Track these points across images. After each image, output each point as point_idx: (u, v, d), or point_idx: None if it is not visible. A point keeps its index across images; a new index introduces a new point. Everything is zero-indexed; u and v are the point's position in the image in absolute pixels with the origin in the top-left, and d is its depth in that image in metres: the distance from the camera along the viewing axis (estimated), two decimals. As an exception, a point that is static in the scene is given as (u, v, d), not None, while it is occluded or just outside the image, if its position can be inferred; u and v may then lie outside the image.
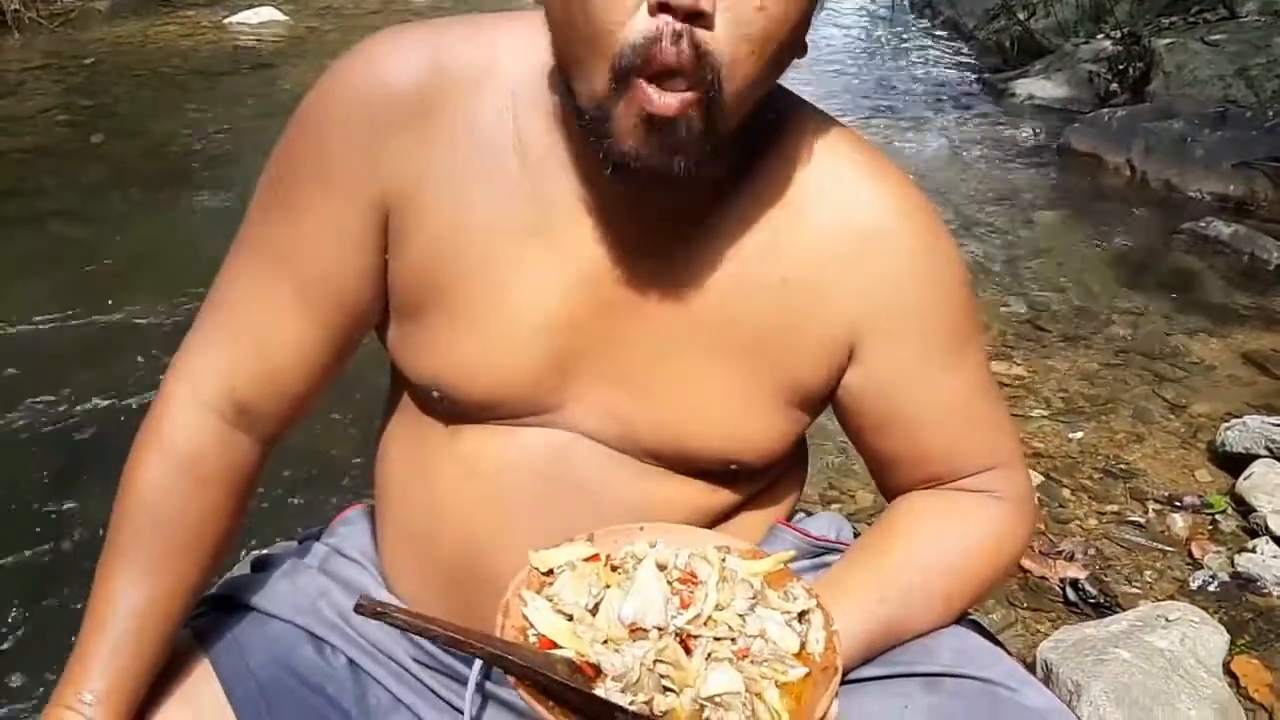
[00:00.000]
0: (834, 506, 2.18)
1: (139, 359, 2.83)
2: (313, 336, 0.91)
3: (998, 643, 0.97)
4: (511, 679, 0.73)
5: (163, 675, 0.91)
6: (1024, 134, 4.99)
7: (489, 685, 0.96)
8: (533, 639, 0.78)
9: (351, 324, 0.92)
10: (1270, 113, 4.46)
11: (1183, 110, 4.57)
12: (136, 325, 3.03)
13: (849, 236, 0.89)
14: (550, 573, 0.83)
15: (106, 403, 2.64)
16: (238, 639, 0.95)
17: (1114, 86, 5.34)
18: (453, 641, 0.74)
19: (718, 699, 0.74)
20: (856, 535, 1.09)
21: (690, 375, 0.90)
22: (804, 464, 1.09)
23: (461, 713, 0.95)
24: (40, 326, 3.03)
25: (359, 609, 0.71)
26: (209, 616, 0.98)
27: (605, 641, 0.77)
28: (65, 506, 2.28)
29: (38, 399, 2.68)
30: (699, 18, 0.71)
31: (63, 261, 3.43)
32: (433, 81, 0.86)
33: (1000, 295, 3.30)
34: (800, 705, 0.75)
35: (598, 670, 0.75)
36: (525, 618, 0.79)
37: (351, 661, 0.98)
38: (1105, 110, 4.90)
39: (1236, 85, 4.77)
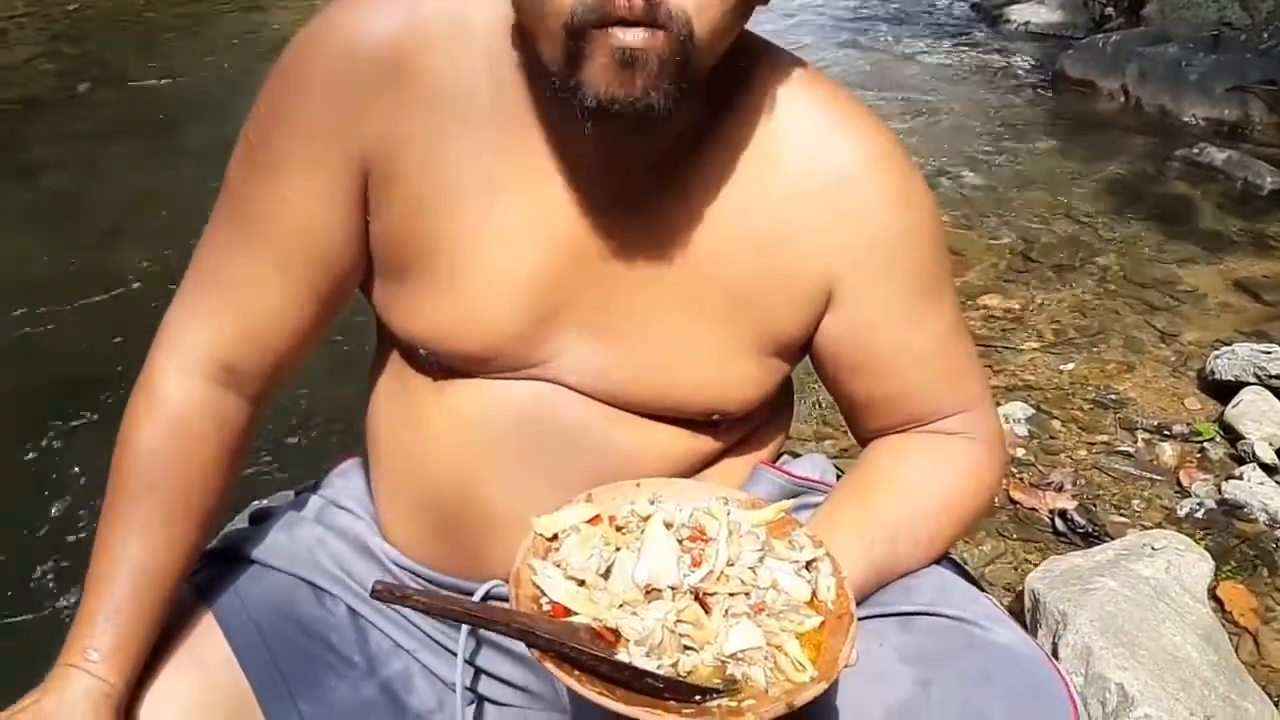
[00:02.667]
0: (827, 443, 2.21)
1: (133, 309, 2.84)
2: (296, 299, 0.92)
3: (975, 582, 0.99)
4: (535, 652, 0.72)
5: (166, 629, 0.93)
6: (1017, 61, 4.95)
7: (481, 630, 0.98)
8: (546, 607, 0.77)
9: (334, 285, 0.93)
10: (1265, 35, 4.42)
11: (1177, 34, 4.53)
12: (130, 275, 3.03)
13: (823, 184, 0.90)
14: (555, 538, 0.82)
15: (101, 355, 2.64)
16: (239, 591, 0.98)
17: (1109, 10, 5.28)
18: (474, 620, 0.75)
19: (740, 655, 0.75)
20: (840, 476, 1.10)
21: (670, 327, 0.91)
22: (789, 407, 1.10)
23: (456, 655, 0.97)
24: (33, 279, 3.02)
25: (376, 594, 0.71)
26: (209, 570, 1.00)
27: (621, 605, 0.77)
28: (59, 460, 2.30)
29: (30, 353, 2.70)
30: None
31: (54, 214, 3.42)
32: (408, 41, 0.86)
33: (992, 227, 3.29)
34: (821, 654, 0.75)
35: (617, 635, 0.75)
36: (537, 586, 0.78)
37: (351, 609, 1.01)
38: (1099, 35, 4.85)
39: (1231, 8, 4.72)
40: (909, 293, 0.94)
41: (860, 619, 0.89)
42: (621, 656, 0.73)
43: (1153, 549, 1.75)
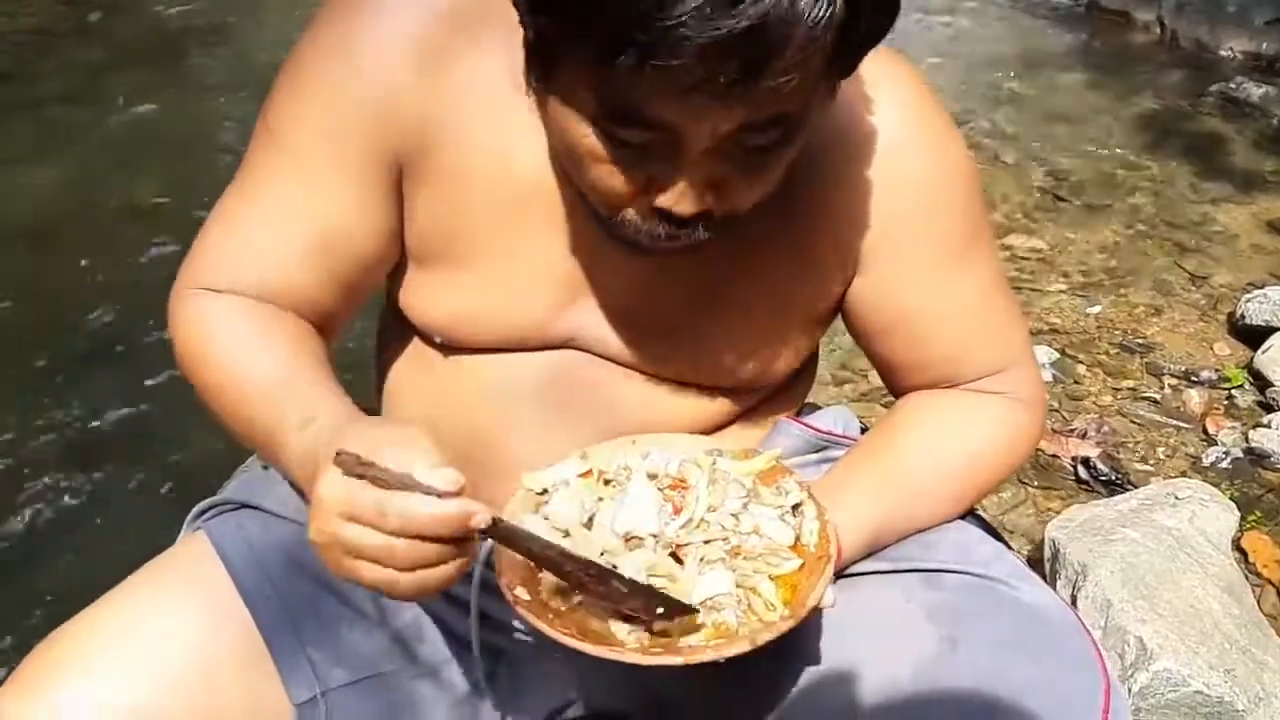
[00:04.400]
0: (846, 387, 2.18)
1: (147, 243, 2.80)
2: (321, 289, 0.90)
3: (1000, 538, 0.98)
4: (514, 602, 0.74)
5: (175, 570, 0.92)
6: (1051, -10, 4.80)
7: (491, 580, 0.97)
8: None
9: (364, 277, 0.92)
10: (1310, -36, 4.26)
11: (1217, -38, 4.38)
12: (143, 209, 3.00)
13: (858, 148, 0.87)
14: (545, 492, 0.83)
15: (114, 286, 2.63)
16: (248, 539, 0.96)
17: (1146, -62, 5.10)
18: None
19: (709, 602, 0.76)
20: (864, 430, 1.09)
21: (705, 314, 0.91)
22: (813, 362, 1.08)
23: (468, 607, 0.96)
24: (43, 212, 3.00)
25: (339, 462, 0.66)
26: (219, 518, 0.99)
27: (602, 554, 0.78)
28: (73, 396, 2.30)
29: (44, 284, 2.69)
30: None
31: (67, 147, 3.38)
32: (436, 33, 0.83)
33: (1021, 165, 3.22)
34: (795, 594, 0.77)
35: None
36: None
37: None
38: (1136, -36, 4.69)
39: (1275, -66, 4.54)
40: (940, 256, 0.92)
41: (881, 574, 0.89)
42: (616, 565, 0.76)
43: (1176, 498, 1.73)
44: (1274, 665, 1.46)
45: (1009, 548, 0.97)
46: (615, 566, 0.77)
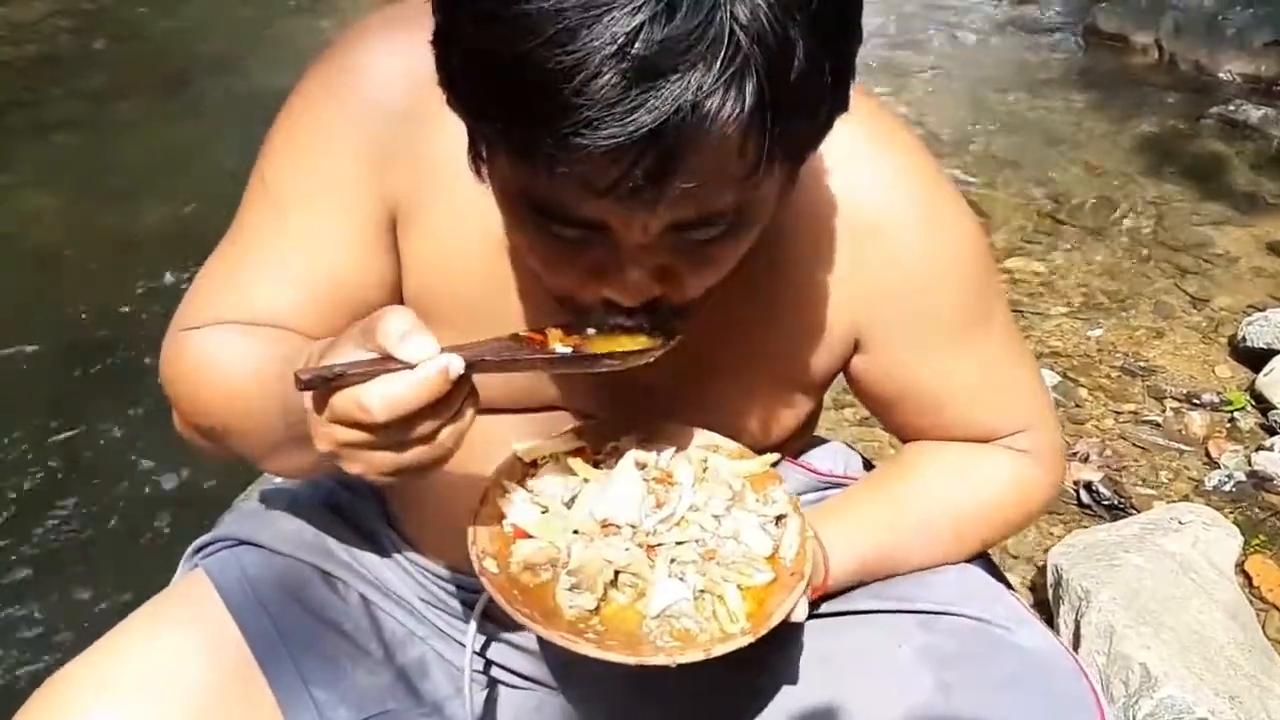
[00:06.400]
0: (848, 410, 2.18)
1: (149, 270, 2.82)
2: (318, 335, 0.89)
3: (1003, 578, 0.97)
4: (481, 573, 0.75)
5: (174, 609, 0.92)
6: (1048, 14, 4.82)
7: (490, 625, 0.97)
8: (507, 529, 0.79)
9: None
10: (1307, -14, 4.28)
11: (1215, -15, 4.39)
12: (146, 237, 3.02)
13: (853, 223, 0.85)
14: (535, 464, 0.83)
15: (117, 314, 2.64)
16: (246, 575, 0.96)
17: (1143, -39, 5.12)
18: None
19: (666, 612, 0.76)
20: (867, 464, 1.08)
21: (694, 384, 0.89)
22: (817, 412, 1.06)
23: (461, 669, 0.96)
24: (48, 238, 3.02)
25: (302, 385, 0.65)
26: (217, 554, 0.99)
27: (575, 532, 0.78)
28: (74, 419, 2.30)
29: (47, 311, 2.70)
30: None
31: (70, 173, 3.40)
32: (424, 82, 0.82)
33: (1020, 187, 3.22)
34: (761, 608, 0.76)
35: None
36: (500, 508, 0.80)
37: (363, 597, 0.99)
38: (1134, -13, 4.71)
39: (1272, -43, 4.56)
40: (943, 330, 0.90)
41: (878, 613, 0.88)
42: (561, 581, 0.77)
43: (1179, 523, 1.73)
44: (1279, 691, 1.46)
45: (1010, 588, 0.96)
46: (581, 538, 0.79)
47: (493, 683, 1.01)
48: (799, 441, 1.04)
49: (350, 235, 0.86)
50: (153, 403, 2.29)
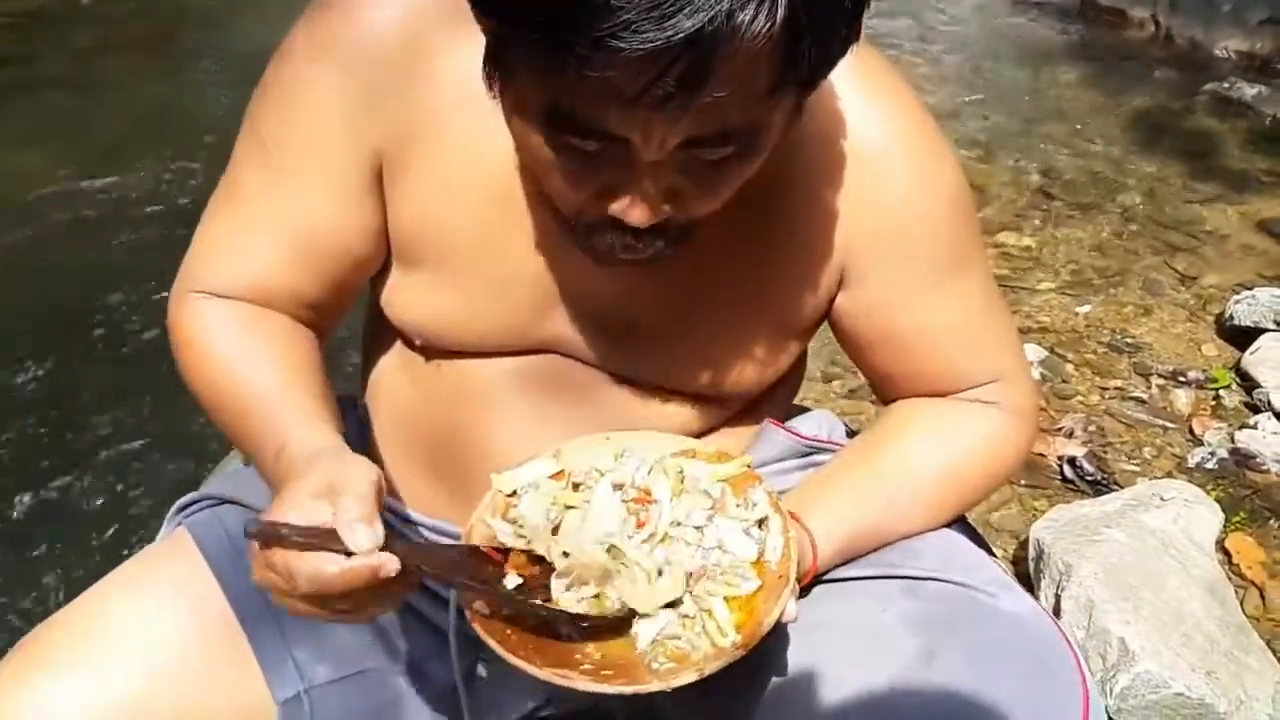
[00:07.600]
0: (835, 383, 2.19)
1: (136, 227, 2.80)
2: (314, 288, 0.91)
3: (985, 545, 0.98)
4: (471, 617, 0.76)
5: (156, 568, 0.92)
6: (1047, -13, 4.80)
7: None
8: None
9: (355, 275, 0.93)
10: (1305, -37, 4.26)
11: (1213, -39, 4.37)
12: (136, 194, 2.99)
13: (846, 161, 0.87)
14: (514, 494, 0.83)
15: (106, 272, 2.61)
16: (230, 535, 0.96)
17: (1143, -66, 5.09)
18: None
19: (656, 640, 0.77)
20: (850, 433, 1.09)
21: (682, 322, 0.90)
22: (800, 367, 1.08)
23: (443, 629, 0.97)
24: (38, 196, 2.99)
25: (251, 535, 0.69)
26: (201, 514, 0.99)
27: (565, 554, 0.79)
28: (60, 373, 2.30)
29: (37, 271, 2.68)
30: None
31: (59, 131, 3.37)
32: (415, 33, 0.83)
33: (1012, 161, 3.22)
34: (751, 617, 0.76)
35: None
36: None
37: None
38: (1132, -39, 4.68)
39: (1271, -67, 4.54)
40: (926, 273, 0.91)
41: (861, 579, 0.88)
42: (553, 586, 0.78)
43: (1161, 499, 1.73)
44: (1255, 668, 1.47)
45: (993, 555, 0.97)
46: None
47: (477, 643, 1.01)
48: (783, 391, 1.05)
49: (337, 184, 0.87)
50: (139, 359, 2.29)
